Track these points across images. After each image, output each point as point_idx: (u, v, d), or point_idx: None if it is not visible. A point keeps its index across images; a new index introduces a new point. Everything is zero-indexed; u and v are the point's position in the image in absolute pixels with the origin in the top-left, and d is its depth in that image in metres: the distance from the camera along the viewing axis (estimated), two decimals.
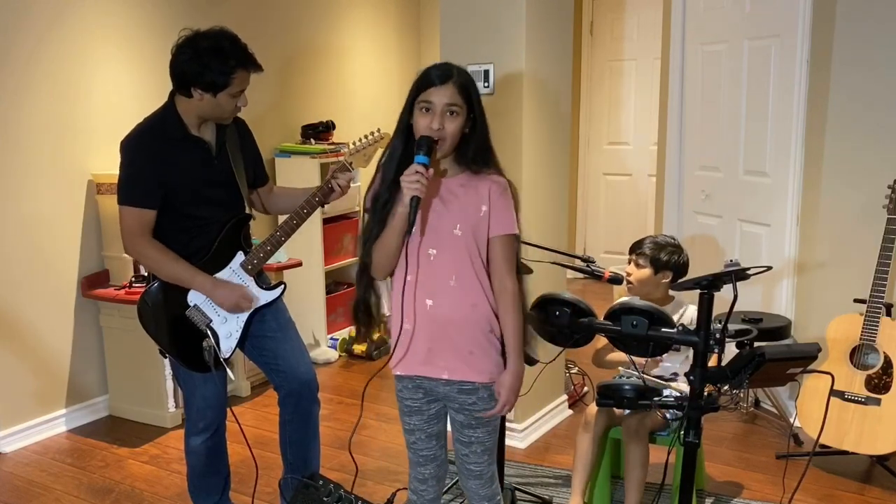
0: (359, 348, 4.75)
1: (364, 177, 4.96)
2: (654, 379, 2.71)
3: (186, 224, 2.47)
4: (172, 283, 2.46)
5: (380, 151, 2.69)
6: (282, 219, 2.64)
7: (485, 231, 1.98)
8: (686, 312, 2.83)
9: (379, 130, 2.68)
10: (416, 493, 2.17)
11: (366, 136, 2.65)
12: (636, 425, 2.71)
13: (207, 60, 2.31)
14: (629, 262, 2.89)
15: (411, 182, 1.84)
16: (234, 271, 2.52)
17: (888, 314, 3.12)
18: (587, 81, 6.48)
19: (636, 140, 6.41)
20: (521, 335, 2.02)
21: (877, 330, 3.07)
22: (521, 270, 2.10)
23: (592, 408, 2.83)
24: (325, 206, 2.62)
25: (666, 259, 2.81)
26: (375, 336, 4.76)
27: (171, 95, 2.44)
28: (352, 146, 2.65)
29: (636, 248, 2.87)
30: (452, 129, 1.91)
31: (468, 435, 2.06)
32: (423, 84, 1.92)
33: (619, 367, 2.84)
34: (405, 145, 1.96)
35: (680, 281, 2.79)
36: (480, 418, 2.04)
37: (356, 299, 2.06)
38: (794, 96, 3.56)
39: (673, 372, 2.80)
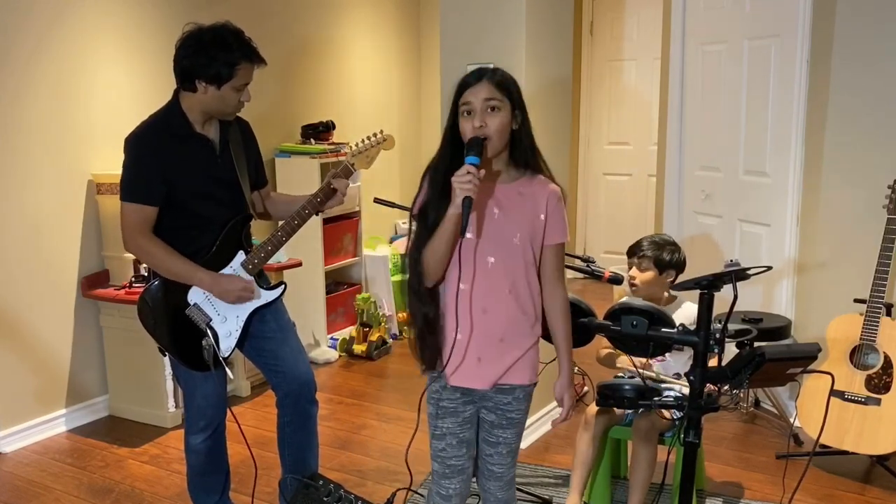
0: (359, 348, 4.75)
1: (365, 177, 4.96)
2: (659, 375, 2.71)
3: (189, 222, 2.47)
4: (173, 279, 2.46)
5: (382, 153, 2.70)
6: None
7: (540, 239, 1.98)
8: (683, 309, 2.83)
9: (382, 132, 2.68)
10: None
11: (368, 138, 2.65)
12: (647, 427, 2.70)
13: (213, 52, 2.31)
14: (630, 267, 2.88)
15: (463, 182, 1.81)
16: (234, 271, 2.52)
17: (888, 314, 3.12)
18: (587, 81, 6.48)
19: (636, 140, 6.41)
20: (571, 339, 2.07)
21: (877, 330, 3.07)
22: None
23: (592, 408, 2.83)
24: (325, 208, 2.62)
25: (669, 258, 2.81)
26: (375, 336, 4.76)
27: (176, 93, 2.44)
28: (354, 147, 2.65)
29: (637, 251, 2.86)
30: (496, 125, 1.89)
31: (497, 435, 2.05)
32: (460, 88, 1.91)
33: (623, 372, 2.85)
34: (452, 153, 1.93)
35: (680, 281, 2.79)
36: (512, 419, 2.04)
37: (421, 322, 1.96)
38: (794, 96, 3.56)
39: (675, 373, 2.80)
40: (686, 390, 2.20)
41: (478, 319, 1.95)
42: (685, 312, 2.80)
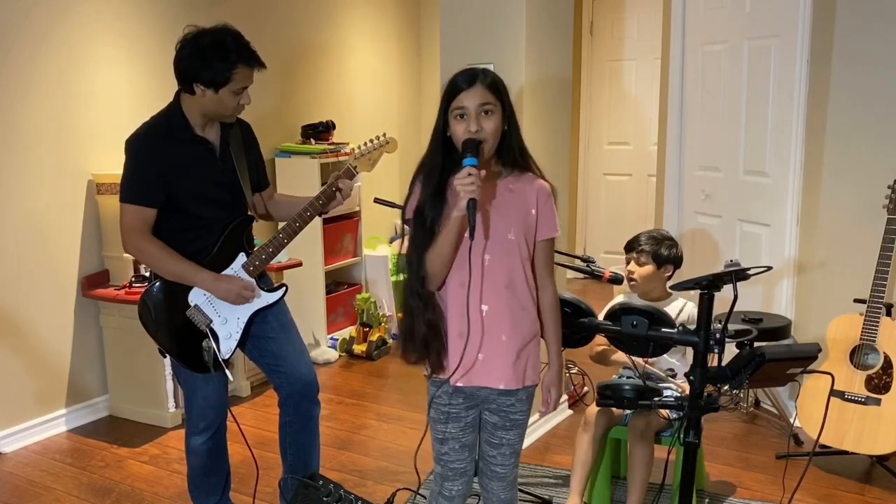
0: (359, 348, 4.75)
1: (365, 177, 4.96)
2: (656, 370, 2.71)
3: (189, 224, 2.47)
4: (173, 280, 2.46)
5: (385, 156, 2.70)
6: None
7: (532, 234, 1.99)
8: (682, 308, 2.83)
9: (385, 135, 2.68)
10: None
11: (370, 141, 2.65)
12: (644, 427, 2.70)
13: (209, 56, 2.31)
14: (628, 262, 2.89)
15: (466, 185, 1.83)
16: (235, 272, 2.52)
17: (888, 314, 3.12)
18: (587, 81, 6.48)
19: (636, 140, 6.41)
20: (561, 334, 2.07)
21: (877, 330, 3.07)
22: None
23: (592, 408, 2.83)
24: (327, 210, 2.62)
25: (667, 253, 2.82)
26: (375, 336, 4.76)
27: (177, 95, 2.44)
28: (356, 150, 2.64)
29: (635, 246, 2.87)
30: (491, 128, 1.90)
31: (500, 437, 2.06)
32: (452, 92, 1.91)
33: (621, 368, 2.85)
34: (444, 155, 1.94)
35: (680, 281, 2.79)
36: (515, 420, 2.04)
37: (419, 324, 1.96)
38: (794, 96, 3.56)
39: (669, 368, 2.80)
40: (683, 385, 2.21)
41: (478, 318, 1.96)
42: (678, 307, 2.80)
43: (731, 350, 2.00)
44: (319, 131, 4.87)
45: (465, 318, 1.93)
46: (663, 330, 2.05)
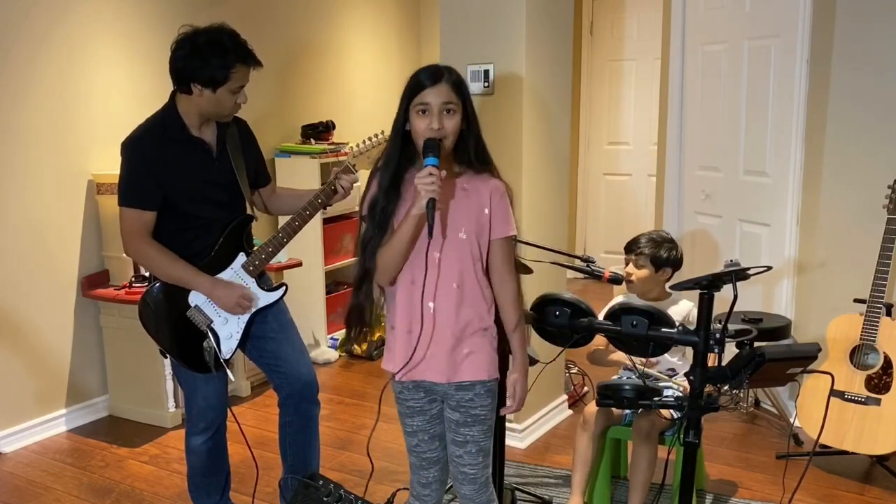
0: (359, 348, 4.75)
1: (365, 177, 4.96)
2: (656, 374, 2.71)
3: (188, 225, 2.47)
4: (172, 283, 2.46)
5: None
6: (283, 220, 2.65)
7: (486, 233, 1.99)
8: (680, 305, 2.83)
9: (383, 132, 2.68)
10: (420, 498, 2.15)
11: (369, 139, 2.65)
12: (648, 427, 2.70)
13: (206, 55, 2.31)
14: (627, 263, 2.89)
15: (427, 184, 1.84)
16: (235, 272, 2.52)
17: (888, 314, 3.12)
18: (587, 81, 6.48)
19: (636, 140, 6.41)
20: (525, 332, 2.06)
21: (877, 330, 3.07)
22: (520, 270, 2.11)
23: (591, 407, 2.83)
24: (328, 207, 2.62)
25: (666, 256, 2.82)
26: (376, 336, 4.76)
27: (172, 96, 2.44)
28: (355, 148, 2.65)
29: (634, 248, 2.86)
30: (452, 127, 1.92)
31: (463, 433, 2.05)
32: (415, 88, 1.92)
33: (620, 368, 2.85)
34: (401, 151, 1.96)
35: (680, 281, 2.79)
36: (476, 415, 2.03)
37: (351, 304, 2.05)
38: (794, 96, 3.56)
39: (670, 368, 2.81)
40: (683, 383, 2.21)
41: (426, 315, 1.97)
42: (680, 309, 2.80)
43: (731, 350, 2.00)
44: (319, 131, 4.87)
45: (418, 314, 1.96)
46: (663, 330, 2.05)
